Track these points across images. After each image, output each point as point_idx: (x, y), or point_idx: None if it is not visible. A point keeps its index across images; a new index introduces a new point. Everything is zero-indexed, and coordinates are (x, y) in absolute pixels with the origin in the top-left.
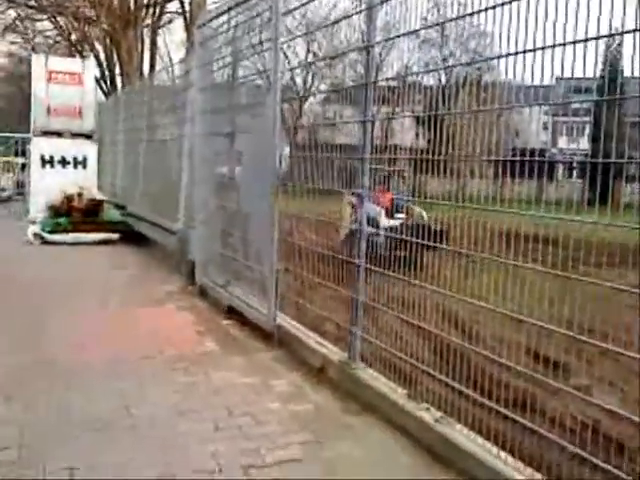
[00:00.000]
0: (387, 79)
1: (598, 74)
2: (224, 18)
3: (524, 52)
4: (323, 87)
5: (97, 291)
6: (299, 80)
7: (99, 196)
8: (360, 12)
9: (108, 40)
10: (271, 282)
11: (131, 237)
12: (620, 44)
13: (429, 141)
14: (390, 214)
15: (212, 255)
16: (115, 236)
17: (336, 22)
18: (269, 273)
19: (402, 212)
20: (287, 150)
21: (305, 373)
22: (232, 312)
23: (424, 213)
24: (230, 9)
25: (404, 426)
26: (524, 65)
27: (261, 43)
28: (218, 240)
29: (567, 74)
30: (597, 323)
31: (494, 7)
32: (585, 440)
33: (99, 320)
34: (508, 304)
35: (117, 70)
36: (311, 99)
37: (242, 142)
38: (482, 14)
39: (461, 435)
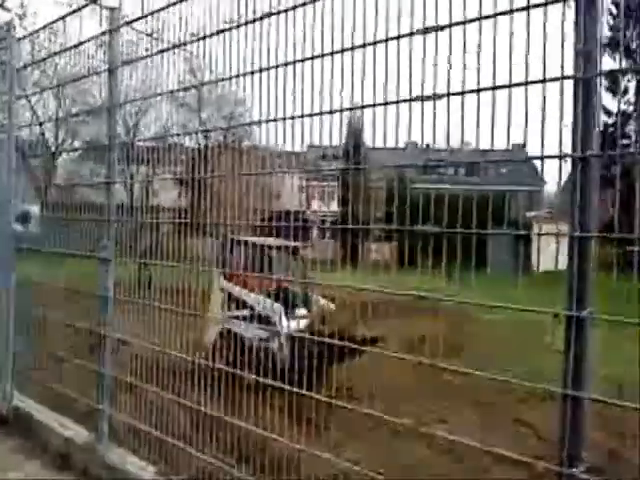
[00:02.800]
0: (136, 140)
1: (343, 143)
2: None
3: (277, 120)
4: (77, 144)
5: None
6: (51, 136)
7: None
8: (98, 73)
9: None
10: (7, 359)
11: None
12: (361, 116)
13: (192, 202)
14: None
15: None
16: None
17: (77, 79)
18: (4, 350)
19: (297, 304)
20: (36, 210)
21: (47, 461)
22: None
23: (332, 306)
24: None
25: None
26: (276, 132)
27: None
28: None
29: (317, 142)
30: None
31: (244, 75)
32: None
33: None
34: None
35: None
36: (65, 156)
37: None
38: (236, 83)
39: None
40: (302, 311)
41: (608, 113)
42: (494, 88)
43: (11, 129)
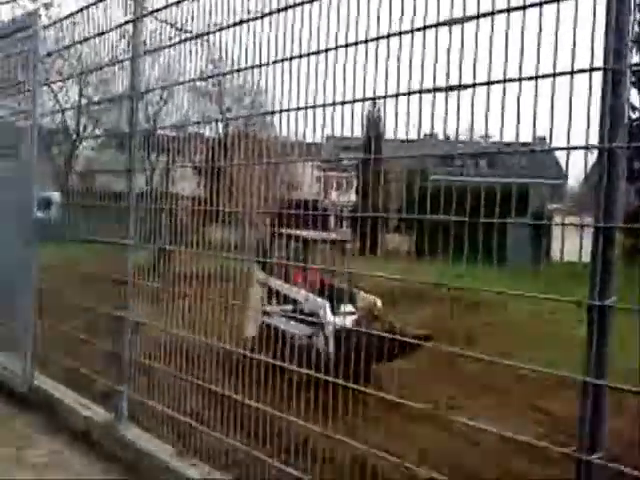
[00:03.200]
0: (154, 129)
1: (363, 134)
2: None
3: (297, 109)
4: (98, 132)
5: None
6: (73, 124)
7: None
8: (121, 61)
9: None
10: (27, 339)
11: None
12: (380, 108)
13: (211, 192)
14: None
15: None
16: None
17: (99, 68)
18: (24, 330)
19: (343, 300)
20: (57, 196)
21: (67, 439)
22: None
23: (379, 302)
24: None
25: None
26: (297, 123)
27: (20, 83)
28: None
29: (337, 133)
30: None
31: (266, 64)
32: None
33: None
34: None
35: None
36: (86, 144)
37: None
38: (257, 73)
39: None
40: (348, 307)
41: (633, 108)
42: (520, 80)
43: (34, 117)
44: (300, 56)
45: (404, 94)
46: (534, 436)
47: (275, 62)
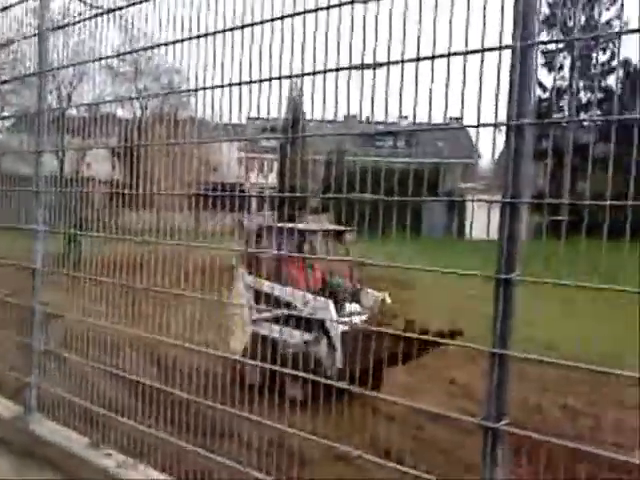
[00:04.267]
0: (66, 108)
1: (283, 115)
2: None
3: (213, 88)
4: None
5: None
6: None
7: None
8: (27, 38)
9: None
10: None
11: None
12: (300, 88)
13: (126, 174)
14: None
15: None
16: None
17: (3, 45)
18: None
19: (347, 297)
20: None
21: None
22: None
23: (387, 298)
24: None
25: (86, 477)
26: (213, 103)
27: None
28: None
29: (257, 114)
30: None
31: (181, 41)
32: None
33: None
34: None
35: None
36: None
37: None
38: (173, 51)
39: (145, 477)
40: (354, 307)
41: (544, 88)
42: (433, 57)
43: None
44: (215, 32)
45: (318, 72)
46: (447, 407)
47: (191, 38)
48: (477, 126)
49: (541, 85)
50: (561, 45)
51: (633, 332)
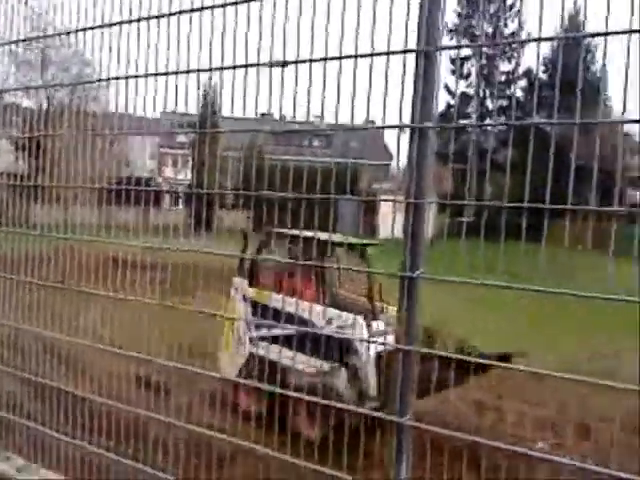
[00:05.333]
0: None
1: (198, 111)
2: None
3: (126, 78)
4: None
5: None
6: None
7: None
8: None
9: None
10: None
11: None
12: (216, 84)
13: (31, 167)
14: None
15: None
16: None
17: None
18: None
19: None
20: None
21: None
22: None
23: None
24: None
25: None
26: (127, 96)
27: None
28: None
29: (173, 109)
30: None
31: (90, 29)
32: None
33: None
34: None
35: None
36: None
37: None
38: (84, 41)
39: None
40: (379, 325)
41: (452, 94)
42: (340, 58)
43: None
44: (129, 21)
45: (229, 67)
46: None
47: (101, 26)
48: (383, 127)
49: (450, 92)
50: (469, 53)
51: (533, 327)
